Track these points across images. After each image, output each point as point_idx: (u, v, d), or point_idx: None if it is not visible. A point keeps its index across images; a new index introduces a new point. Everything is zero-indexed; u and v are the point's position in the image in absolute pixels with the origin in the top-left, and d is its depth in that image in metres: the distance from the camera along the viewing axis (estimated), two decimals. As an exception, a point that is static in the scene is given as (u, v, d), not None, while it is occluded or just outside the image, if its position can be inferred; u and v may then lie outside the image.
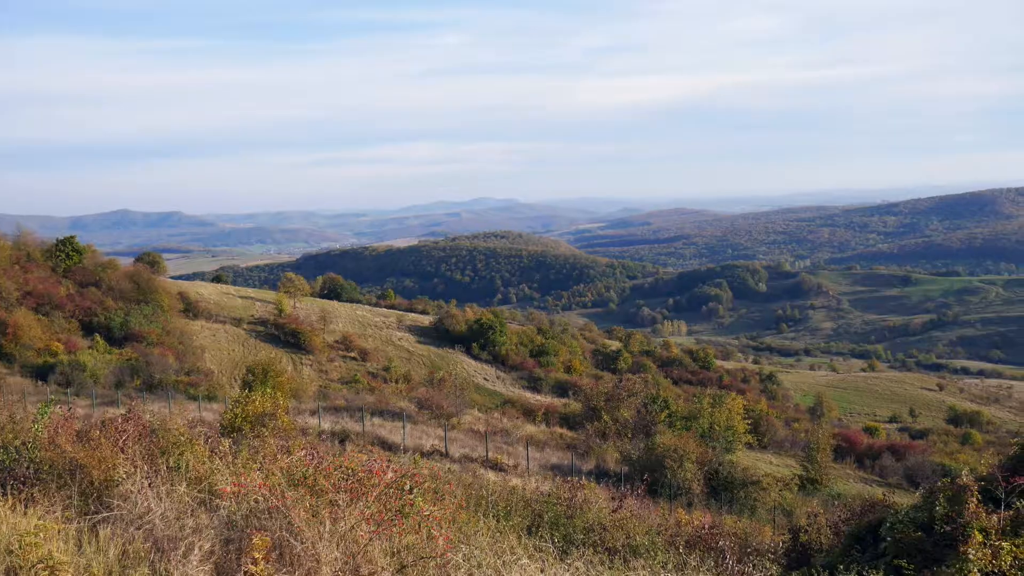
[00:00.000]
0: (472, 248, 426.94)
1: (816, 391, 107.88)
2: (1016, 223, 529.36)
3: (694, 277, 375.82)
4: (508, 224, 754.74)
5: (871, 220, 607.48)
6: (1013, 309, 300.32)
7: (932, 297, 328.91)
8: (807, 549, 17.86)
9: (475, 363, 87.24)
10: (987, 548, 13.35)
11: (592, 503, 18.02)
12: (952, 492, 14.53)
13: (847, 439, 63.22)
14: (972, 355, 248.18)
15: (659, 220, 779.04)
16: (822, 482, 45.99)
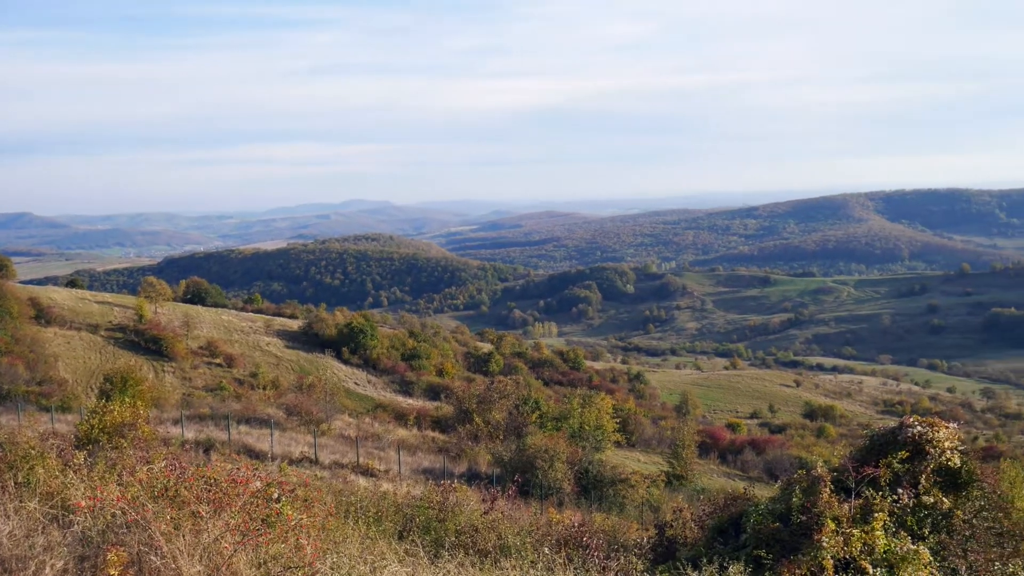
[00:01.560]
0: (343, 251, 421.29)
1: (682, 389, 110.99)
2: (866, 226, 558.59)
3: (564, 279, 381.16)
4: (380, 227, 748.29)
5: (733, 223, 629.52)
6: (863, 308, 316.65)
7: (790, 297, 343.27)
8: (673, 543, 18.27)
9: (346, 368, 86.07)
10: (839, 536, 14.00)
11: (464, 505, 18.00)
12: (807, 484, 15.17)
13: (711, 435, 65.22)
14: (827, 352, 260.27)
15: (530, 223, 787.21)
16: (688, 478, 47.32)
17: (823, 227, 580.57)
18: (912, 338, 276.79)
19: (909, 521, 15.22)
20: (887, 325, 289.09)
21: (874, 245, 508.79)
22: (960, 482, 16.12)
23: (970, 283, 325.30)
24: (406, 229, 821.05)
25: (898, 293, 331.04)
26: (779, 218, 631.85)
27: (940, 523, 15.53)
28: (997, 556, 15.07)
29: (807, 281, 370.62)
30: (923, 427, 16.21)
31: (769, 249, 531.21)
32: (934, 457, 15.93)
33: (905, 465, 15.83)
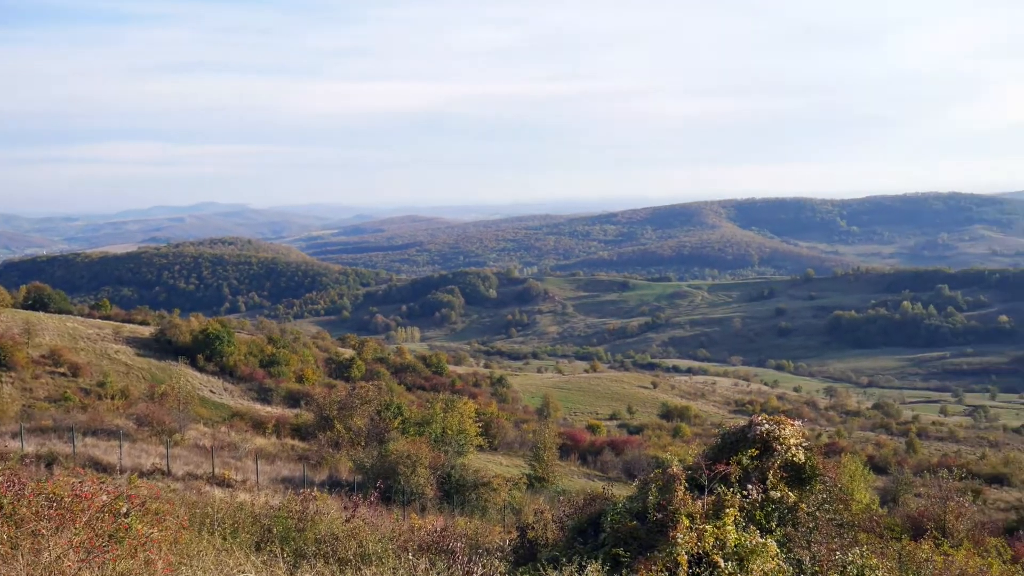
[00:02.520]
0: (198, 255, 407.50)
1: (543, 392, 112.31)
2: (719, 233, 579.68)
3: (427, 284, 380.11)
4: (237, 230, 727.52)
5: (593, 229, 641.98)
6: (716, 311, 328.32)
7: (647, 301, 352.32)
8: (534, 545, 18.46)
9: (201, 375, 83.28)
10: (693, 532, 14.44)
11: (324, 514, 17.71)
12: (663, 482, 15.59)
13: (572, 437, 66.27)
14: (682, 354, 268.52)
15: (393, 227, 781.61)
16: (549, 479, 47.94)
17: (679, 233, 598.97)
18: (761, 340, 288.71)
19: (758, 515, 15.85)
20: (738, 328, 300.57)
21: (727, 251, 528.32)
22: (805, 477, 16.92)
23: (814, 287, 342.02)
24: (265, 233, 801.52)
25: (749, 297, 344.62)
26: (637, 224, 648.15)
27: (786, 516, 16.24)
28: (838, 546, 15.87)
29: (664, 285, 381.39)
30: (771, 425, 16.94)
31: (628, 254, 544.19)
32: (781, 453, 16.66)
33: (754, 462, 16.50)
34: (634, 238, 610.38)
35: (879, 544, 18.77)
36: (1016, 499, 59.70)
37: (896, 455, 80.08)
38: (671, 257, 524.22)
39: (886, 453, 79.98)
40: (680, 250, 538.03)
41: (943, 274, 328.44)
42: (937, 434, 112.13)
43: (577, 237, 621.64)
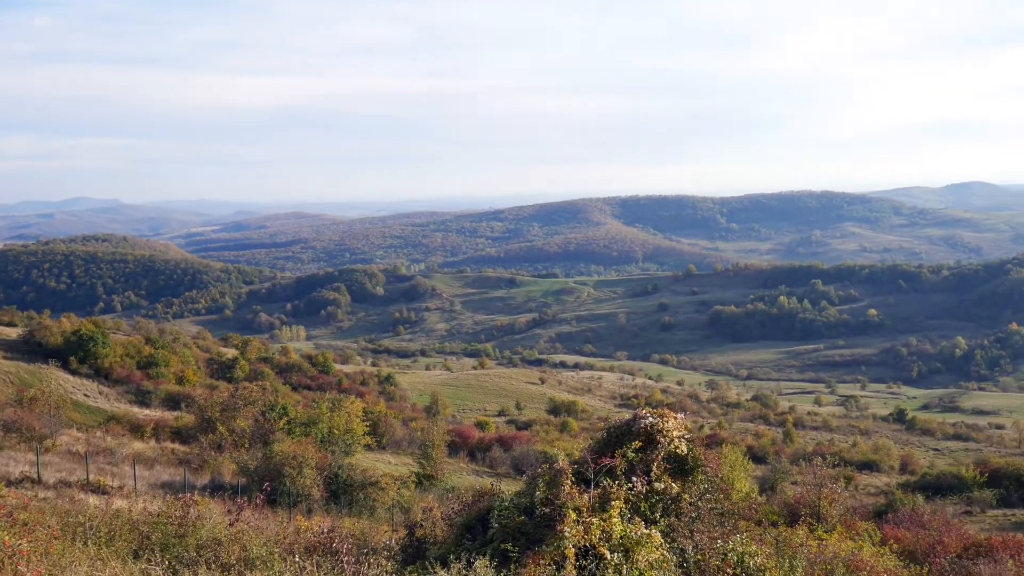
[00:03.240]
0: (69, 252, 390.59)
1: (432, 390, 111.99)
2: (603, 230, 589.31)
3: (313, 282, 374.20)
4: (111, 227, 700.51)
5: (480, 226, 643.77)
6: (602, 307, 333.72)
7: (534, 297, 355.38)
8: (423, 543, 18.38)
9: (74, 379, 79.96)
10: (580, 525, 14.62)
11: (207, 519, 17.23)
12: (550, 477, 15.73)
13: (461, 435, 66.29)
14: (569, 350, 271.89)
15: (277, 224, 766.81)
16: (438, 477, 47.86)
17: (565, 230, 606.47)
18: (646, 335, 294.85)
19: (643, 507, 16.16)
20: (624, 323, 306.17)
21: (612, 247, 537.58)
22: (687, 468, 17.34)
23: (696, 283, 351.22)
24: (141, 230, 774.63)
25: (633, 293, 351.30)
26: (524, 221, 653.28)
27: (670, 507, 16.61)
28: (719, 534, 16.31)
29: (550, 282, 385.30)
30: (654, 418, 17.29)
31: (515, 251, 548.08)
32: (664, 446, 17.03)
33: (639, 454, 16.80)
34: (521, 235, 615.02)
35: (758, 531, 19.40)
36: (885, 484, 62.63)
37: (774, 445, 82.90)
38: (558, 254, 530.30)
39: (765, 443, 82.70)
40: (566, 247, 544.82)
41: (817, 270, 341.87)
42: (812, 424, 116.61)
43: (465, 234, 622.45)
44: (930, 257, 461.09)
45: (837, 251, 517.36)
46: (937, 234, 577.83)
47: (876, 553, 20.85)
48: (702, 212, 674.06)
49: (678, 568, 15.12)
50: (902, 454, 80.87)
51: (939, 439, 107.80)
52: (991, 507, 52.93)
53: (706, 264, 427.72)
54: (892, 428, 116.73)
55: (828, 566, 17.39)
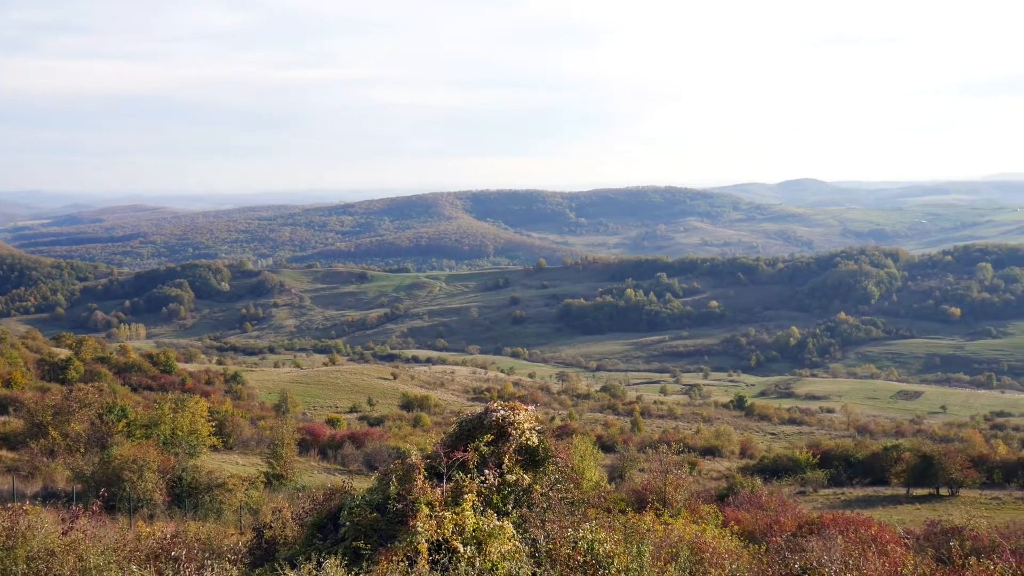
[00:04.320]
0: None
1: (281, 388, 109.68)
2: (455, 224, 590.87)
3: (153, 277, 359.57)
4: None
5: (330, 220, 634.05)
6: (454, 301, 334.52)
7: (386, 292, 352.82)
8: (273, 544, 17.97)
9: None
10: (433, 519, 14.60)
11: (38, 529, 16.26)
12: (403, 472, 15.64)
13: (311, 432, 65.10)
14: (421, 344, 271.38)
15: (113, 217, 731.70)
16: (288, 476, 46.84)
17: (417, 224, 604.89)
18: (498, 328, 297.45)
19: (495, 499, 16.27)
20: (476, 317, 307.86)
21: (463, 242, 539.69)
22: (538, 459, 17.56)
23: (546, 277, 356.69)
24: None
25: (485, 287, 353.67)
26: (375, 215, 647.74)
27: (522, 498, 16.79)
28: (570, 523, 16.58)
29: (402, 277, 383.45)
30: (506, 411, 17.43)
31: (366, 245, 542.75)
32: (516, 438, 17.19)
33: (491, 447, 16.91)
34: (372, 229, 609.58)
35: (607, 518, 19.81)
36: (726, 468, 65.29)
37: (622, 434, 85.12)
38: (409, 248, 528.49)
39: (613, 432, 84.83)
40: (418, 241, 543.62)
41: (662, 263, 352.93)
42: (658, 412, 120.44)
43: (314, 228, 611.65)
44: (766, 250, 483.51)
45: (681, 245, 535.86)
46: (773, 228, 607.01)
47: (718, 535, 21.67)
48: (552, 207, 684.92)
49: (530, 558, 15.30)
50: (742, 439, 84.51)
51: (776, 424, 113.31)
52: (823, 486, 56.04)
53: (556, 258, 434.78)
54: (733, 414, 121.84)
55: (673, 549, 17.94)
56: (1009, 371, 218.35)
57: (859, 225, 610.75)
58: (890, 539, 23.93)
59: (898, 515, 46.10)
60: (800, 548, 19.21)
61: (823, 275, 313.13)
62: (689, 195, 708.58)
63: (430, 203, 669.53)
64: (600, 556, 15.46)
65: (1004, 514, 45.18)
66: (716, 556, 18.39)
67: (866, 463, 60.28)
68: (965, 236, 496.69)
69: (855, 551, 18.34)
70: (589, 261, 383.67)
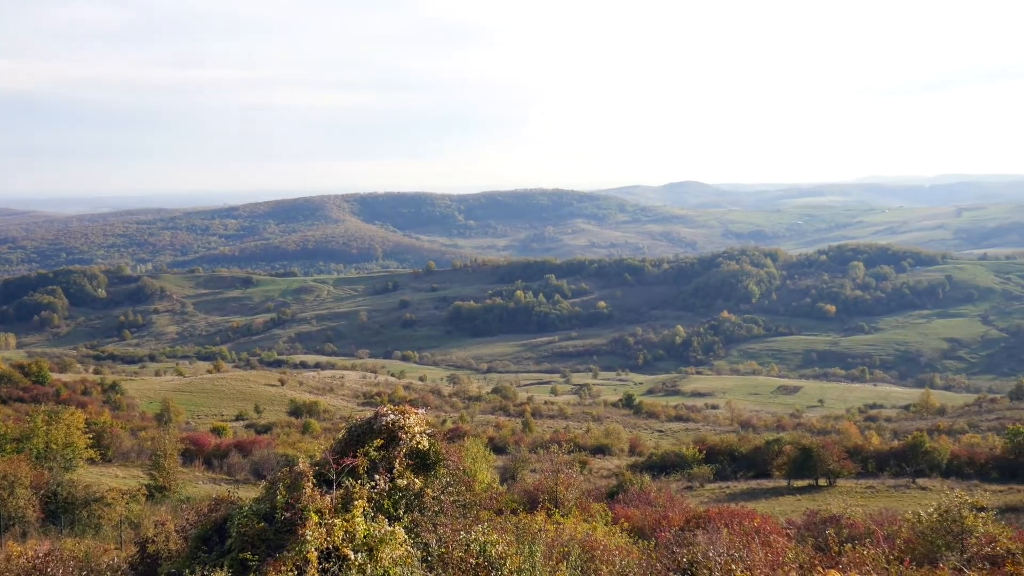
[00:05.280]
0: None
1: (163, 397, 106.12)
2: (343, 227, 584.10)
3: (23, 285, 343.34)
4: None
5: (212, 223, 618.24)
6: (342, 305, 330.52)
7: (272, 297, 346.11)
8: (155, 559, 17.41)
9: None
10: (322, 527, 14.34)
11: None
12: (291, 480, 15.32)
13: (195, 442, 63.34)
14: (309, 349, 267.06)
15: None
16: (171, 488, 45.46)
17: (303, 227, 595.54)
18: (387, 332, 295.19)
19: (386, 504, 16.10)
20: (365, 321, 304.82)
21: (351, 245, 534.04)
22: (429, 463, 17.46)
23: (436, 279, 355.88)
24: None
25: (374, 290, 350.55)
26: (260, 218, 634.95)
27: (413, 502, 16.66)
28: (462, 526, 16.56)
29: (289, 281, 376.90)
30: (396, 415, 17.27)
31: (251, 249, 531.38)
32: (406, 442, 17.05)
33: (381, 452, 16.73)
34: (257, 232, 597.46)
35: (499, 520, 19.86)
36: (616, 466, 66.28)
37: (514, 435, 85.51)
38: (296, 252, 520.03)
39: (505, 434, 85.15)
40: (305, 244, 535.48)
41: (550, 265, 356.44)
42: (549, 412, 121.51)
43: (196, 232, 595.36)
44: (652, 251, 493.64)
45: (569, 246, 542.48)
46: (658, 230, 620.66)
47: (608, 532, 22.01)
48: (441, 209, 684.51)
49: (422, 562, 15.20)
50: (631, 437, 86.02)
51: (663, 421, 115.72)
52: (709, 481, 57.55)
53: (446, 261, 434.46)
54: (622, 413, 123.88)
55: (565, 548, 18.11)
56: (881, 365, 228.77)
57: (740, 226, 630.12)
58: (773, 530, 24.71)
59: (780, 506, 47.67)
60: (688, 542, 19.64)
61: (706, 275, 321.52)
62: (576, 197, 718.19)
63: (317, 206, 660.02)
64: (492, 558, 15.48)
65: (878, 502, 47.22)
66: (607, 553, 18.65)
67: (749, 457, 62.20)
68: (839, 236, 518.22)
69: (740, 543, 18.85)
70: (478, 263, 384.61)
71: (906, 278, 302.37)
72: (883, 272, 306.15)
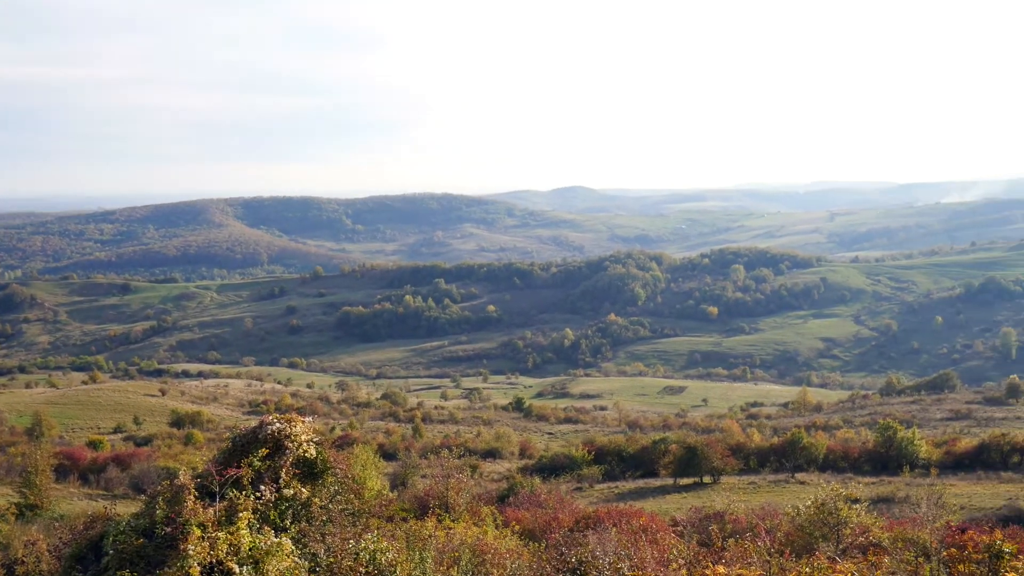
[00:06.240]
0: None
1: (34, 410, 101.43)
2: (227, 232, 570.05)
3: None
4: None
5: (88, 228, 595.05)
6: (226, 312, 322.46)
7: (152, 304, 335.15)
8: (25, 581, 16.58)
9: None
10: (205, 541, 13.91)
11: None
12: (171, 493, 14.82)
13: (70, 456, 60.85)
14: (192, 358, 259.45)
15: None
16: (43, 506, 43.51)
17: (185, 232, 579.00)
18: (274, 339, 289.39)
19: (272, 515, 15.74)
20: (250, 328, 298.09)
21: (235, 250, 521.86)
22: (317, 471, 17.15)
23: (323, 285, 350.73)
24: None
25: (259, 296, 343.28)
26: (138, 223, 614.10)
27: (300, 512, 16.33)
28: (351, 534, 16.31)
29: (170, 287, 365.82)
30: (282, 424, 16.91)
31: (129, 255, 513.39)
32: (293, 451, 16.71)
33: (267, 462, 16.35)
34: (135, 237, 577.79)
35: (389, 528, 19.67)
36: (506, 470, 66.60)
37: (404, 440, 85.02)
38: (177, 257, 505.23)
39: (395, 440, 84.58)
40: (186, 250, 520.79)
41: (440, 269, 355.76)
42: (440, 417, 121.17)
43: (70, 237, 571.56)
44: (540, 255, 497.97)
45: (458, 251, 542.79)
46: (546, 234, 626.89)
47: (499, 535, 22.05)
48: (328, 213, 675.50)
49: (311, 573, 14.91)
50: (521, 440, 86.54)
51: (553, 424, 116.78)
52: (598, 481, 58.36)
53: (333, 266, 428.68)
54: (512, 416, 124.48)
55: (456, 553, 18.06)
56: (761, 364, 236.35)
57: (626, 230, 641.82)
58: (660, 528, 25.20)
59: (667, 504, 48.68)
60: (577, 542, 19.82)
61: (594, 278, 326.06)
62: (465, 202, 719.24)
63: (199, 210, 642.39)
64: (382, 566, 15.30)
65: (760, 497, 48.72)
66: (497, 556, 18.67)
67: (637, 457, 63.36)
68: (720, 240, 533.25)
69: (628, 542, 19.13)
70: (367, 268, 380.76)
71: (784, 280, 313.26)
72: (762, 275, 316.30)
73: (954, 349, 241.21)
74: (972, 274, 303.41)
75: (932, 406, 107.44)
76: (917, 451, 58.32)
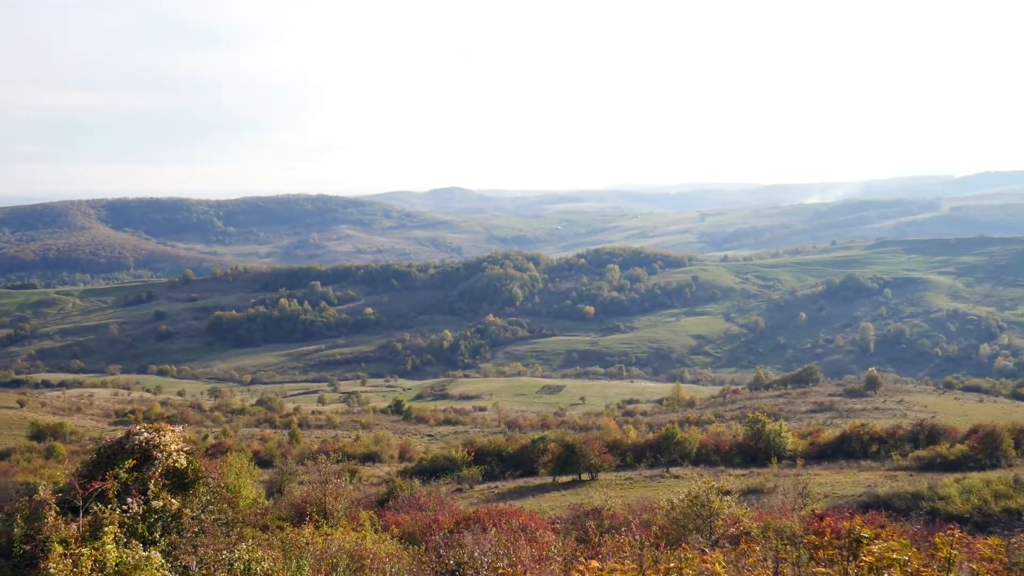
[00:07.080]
0: None
1: None
2: (89, 235, 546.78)
3: None
4: None
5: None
6: (90, 319, 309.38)
7: (8, 311, 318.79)
8: None
9: None
10: (68, 558, 13.32)
11: None
12: (31, 509, 14.16)
13: (-82, 474, 57.27)
14: (53, 367, 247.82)
15: None
16: None
17: (43, 235, 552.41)
18: (142, 346, 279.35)
19: (140, 528, 15.20)
20: (116, 335, 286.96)
21: (99, 254, 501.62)
22: (188, 481, 16.66)
23: (194, 289, 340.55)
24: None
25: (126, 302, 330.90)
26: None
27: (171, 524, 15.83)
28: (225, 545, 15.89)
29: (28, 293, 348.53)
30: (150, 433, 16.36)
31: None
32: (162, 461, 16.18)
33: (134, 473, 15.79)
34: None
35: (265, 537, 19.26)
36: (386, 473, 66.04)
37: (280, 447, 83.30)
38: (35, 262, 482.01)
39: (271, 446, 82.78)
40: (45, 253, 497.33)
41: (316, 272, 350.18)
42: (317, 423, 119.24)
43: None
44: (418, 257, 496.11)
45: (334, 253, 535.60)
46: (423, 235, 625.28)
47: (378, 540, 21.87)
48: (198, 215, 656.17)
49: (182, 587, 14.46)
50: (401, 443, 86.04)
51: (433, 425, 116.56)
52: (479, 482, 58.53)
53: (204, 269, 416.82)
54: (391, 419, 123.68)
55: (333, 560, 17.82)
56: (636, 362, 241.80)
57: (503, 231, 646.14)
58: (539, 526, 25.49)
59: (547, 502, 49.20)
60: (456, 544, 19.85)
61: (472, 279, 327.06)
62: (341, 203, 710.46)
63: (59, 212, 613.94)
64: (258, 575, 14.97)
65: (636, 492, 49.80)
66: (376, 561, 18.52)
67: (517, 456, 63.87)
68: (596, 240, 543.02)
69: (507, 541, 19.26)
70: (240, 271, 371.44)
71: (657, 279, 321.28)
72: (636, 274, 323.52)
73: (817, 344, 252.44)
74: (833, 272, 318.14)
75: (798, 399, 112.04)
76: (784, 443, 60.66)
